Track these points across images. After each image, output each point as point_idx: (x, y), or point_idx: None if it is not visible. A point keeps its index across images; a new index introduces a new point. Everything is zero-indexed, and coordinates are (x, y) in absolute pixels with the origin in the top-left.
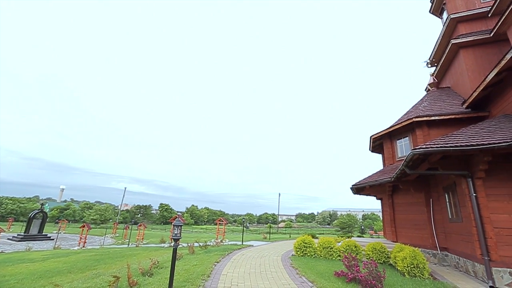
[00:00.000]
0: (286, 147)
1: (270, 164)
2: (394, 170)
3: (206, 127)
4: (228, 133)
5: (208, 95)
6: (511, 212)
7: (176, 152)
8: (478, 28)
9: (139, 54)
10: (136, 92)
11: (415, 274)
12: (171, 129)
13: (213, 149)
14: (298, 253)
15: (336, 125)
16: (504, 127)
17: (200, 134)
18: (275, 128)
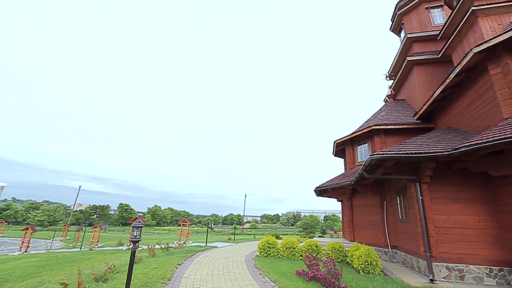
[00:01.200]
0: (254, 149)
1: (237, 165)
2: (354, 174)
3: (175, 125)
4: (196, 132)
5: (177, 92)
6: (449, 213)
7: (140, 149)
8: (430, 48)
9: (104, 40)
10: (101, 83)
11: (368, 271)
12: (137, 125)
13: (181, 148)
14: (262, 253)
15: (302, 130)
16: (447, 138)
17: (168, 132)
18: (243, 129)
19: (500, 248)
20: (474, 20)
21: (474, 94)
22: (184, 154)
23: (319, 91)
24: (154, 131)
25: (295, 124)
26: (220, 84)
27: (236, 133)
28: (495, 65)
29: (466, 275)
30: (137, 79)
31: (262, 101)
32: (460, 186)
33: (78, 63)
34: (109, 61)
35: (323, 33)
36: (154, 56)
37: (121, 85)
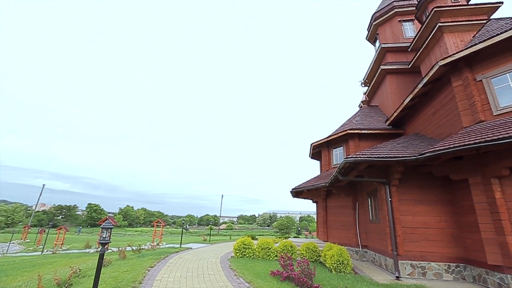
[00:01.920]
0: (232, 149)
1: (214, 166)
2: (329, 176)
3: (150, 122)
4: (173, 131)
5: (153, 88)
6: (414, 214)
7: (113, 147)
8: (401, 59)
9: (74, 33)
10: (72, 75)
11: (340, 270)
12: (110, 121)
13: (156, 146)
14: (237, 254)
15: (280, 133)
16: (414, 144)
17: (142, 129)
18: (221, 129)
19: (457, 246)
20: (440, 35)
21: (438, 104)
22: (160, 153)
23: (297, 95)
24: (127, 128)
25: (273, 126)
26: (199, 84)
27: (213, 133)
28: (457, 78)
29: (427, 272)
30: (110, 72)
31: (242, 103)
32: (425, 189)
33: (45, 52)
34: (80, 52)
35: (304, 39)
36: (125, 49)
37: (94, 78)
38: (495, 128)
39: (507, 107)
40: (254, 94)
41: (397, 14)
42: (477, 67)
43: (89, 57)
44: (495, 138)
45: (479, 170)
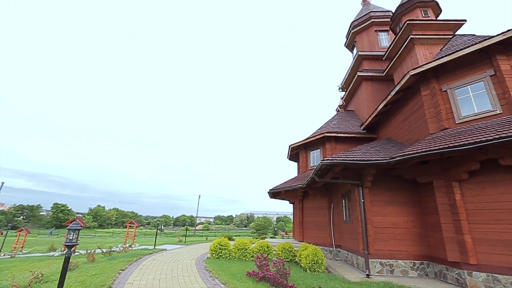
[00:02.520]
0: (210, 150)
1: (192, 165)
2: (306, 178)
3: (124, 118)
4: (149, 128)
5: (130, 83)
6: (384, 215)
7: (83, 143)
8: (377, 66)
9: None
10: (37, 65)
11: (314, 269)
12: (81, 116)
13: (130, 145)
14: (213, 255)
15: (259, 134)
16: (386, 148)
17: (116, 125)
18: (200, 130)
19: (422, 244)
20: (412, 47)
21: (409, 111)
22: (135, 151)
23: (277, 98)
24: (99, 123)
25: (252, 128)
26: (178, 84)
27: (192, 133)
28: (426, 87)
29: (395, 269)
30: (81, 63)
31: (221, 105)
32: (395, 191)
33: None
34: (43, 39)
35: (285, 43)
36: (99, 40)
37: (62, 68)
38: (456, 136)
39: (467, 116)
40: (234, 96)
41: (374, 24)
42: (443, 78)
43: (56, 45)
44: (456, 144)
45: (442, 173)
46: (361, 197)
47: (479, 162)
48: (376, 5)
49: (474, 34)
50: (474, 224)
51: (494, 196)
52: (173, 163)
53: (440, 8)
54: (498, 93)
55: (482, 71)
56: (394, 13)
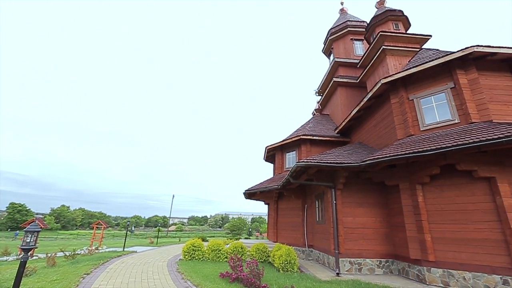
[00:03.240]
0: (186, 148)
1: (167, 164)
2: (282, 179)
3: (93, 112)
4: (120, 124)
5: (99, 70)
6: (354, 216)
7: (45, 137)
8: (351, 73)
9: None
10: None
11: (287, 269)
12: (45, 107)
13: (101, 139)
14: (186, 257)
15: (236, 135)
16: (358, 152)
17: (83, 120)
18: (176, 128)
19: (388, 244)
20: (383, 57)
21: (379, 117)
22: (105, 147)
23: (256, 100)
24: (64, 114)
25: (229, 129)
26: (158, 78)
27: (167, 130)
28: (395, 96)
29: (363, 268)
30: (44, 47)
31: (199, 104)
32: (365, 193)
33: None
34: None
35: (264, 45)
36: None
37: (20, 54)
38: (421, 142)
39: (430, 124)
40: (212, 97)
41: (350, 32)
42: (410, 88)
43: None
44: (420, 150)
45: (408, 177)
46: (333, 199)
47: (439, 167)
48: (352, 15)
49: (438, 49)
50: (433, 224)
51: (451, 198)
52: (147, 162)
53: (410, 23)
54: (457, 104)
55: (444, 83)
56: (369, 23)
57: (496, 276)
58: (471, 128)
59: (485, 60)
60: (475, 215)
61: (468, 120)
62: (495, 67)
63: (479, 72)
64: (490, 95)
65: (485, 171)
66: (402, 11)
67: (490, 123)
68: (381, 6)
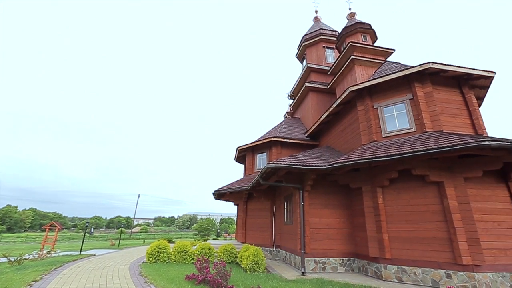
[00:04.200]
0: (153, 146)
1: (132, 162)
2: (251, 180)
3: (47, 103)
4: (79, 117)
5: (54, 57)
6: (320, 217)
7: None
8: (322, 79)
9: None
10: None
11: (254, 270)
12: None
13: (53, 132)
14: (151, 259)
15: (207, 135)
16: (326, 155)
17: (35, 111)
18: (144, 124)
19: (350, 243)
20: (352, 66)
21: (346, 123)
22: (61, 140)
23: (228, 102)
24: (12, 108)
25: (200, 128)
26: (123, 71)
27: (134, 126)
28: (361, 103)
29: (327, 266)
30: None
31: (169, 102)
32: (330, 195)
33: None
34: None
35: (237, 46)
36: None
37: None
38: (382, 148)
39: (391, 131)
40: (181, 96)
41: (322, 40)
42: (375, 97)
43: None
44: (381, 155)
45: (370, 180)
46: (301, 200)
47: (397, 171)
48: (325, 24)
49: (400, 63)
50: (391, 224)
51: (406, 200)
52: (111, 159)
53: (376, 36)
54: (414, 114)
55: (404, 95)
56: (340, 33)
57: (441, 271)
58: (425, 137)
59: (439, 76)
60: (426, 216)
61: (423, 129)
62: (447, 82)
63: (433, 86)
64: (441, 107)
65: (436, 176)
66: (370, 25)
67: (441, 133)
68: (352, 18)
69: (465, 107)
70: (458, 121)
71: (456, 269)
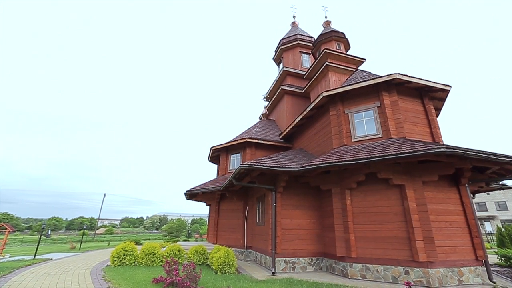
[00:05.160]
0: (121, 141)
1: (98, 158)
2: (225, 180)
3: None
4: (35, 104)
5: None
6: (292, 218)
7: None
8: (298, 83)
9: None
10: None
11: (225, 271)
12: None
13: (4, 122)
14: (115, 262)
15: (180, 134)
16: (298, 157)
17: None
18: (112, 118)
19: (319, 243)
20: (326, 72)
21: (319, 126)
22: (12, 134)
23: (201, 100)
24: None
25: (173, 127)
26: (93, 65)
27: (98, 120)
28: (333, 108)
29: (296, 266)
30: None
31: (139, 99)
32: (302, 196)
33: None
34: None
35: (214, 48)
36: None
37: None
38: (351, 152)
39: (360, 136)
40: (154, 94)
41: (299, 45)
42: (346, 103)
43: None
44: (350, 159)
45: (339, 182)
46: (273, 201)
47: (364, 175)
48: (302, 29)
49: (370, 72)
50: (357, 224)
51: (372, 202)
52: (74, 154)
53: (349, 45)
54: (381, 121)
55: (372, 102)
56: (316, 40)
57: (400, 268)
58: (390, 142)
59: (404, 86)
60: (388, 216)
61: (388, 135)
62: (410, 93)
63: (399, 96)
64: (405, 116)
65: (398, 179)
66: (344, 34)
67: (404, 139)
68: (327, 26)
69: (425, 116)
70: (419, 129)
71: (413, 265)
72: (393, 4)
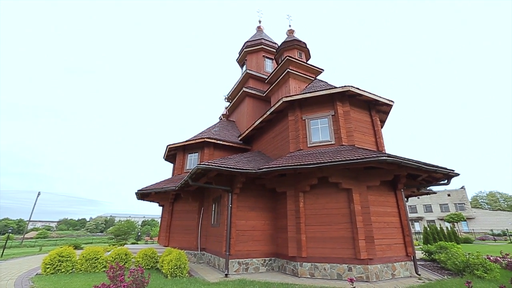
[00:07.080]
0: (62, 132)
1: (32, 150)
2: (180, 180)
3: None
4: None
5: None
6: (247, 219)
7: None
8: (260, 87)
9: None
10: None
11: (176, 274)
12: None
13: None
14: (48, 270)
15: (133, 130)
16: (256, 160)
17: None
18: (53, 105)
19: (272, 244)
20: (287, 78)
21: (278, 130)
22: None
23: (158, 98)
24: None
25: (125, 122)
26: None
27: (35, 106)
28: (292, 114)
29: (249, 267)
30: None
31: (92, 93)
32: (257, 198)
33: None
34: None
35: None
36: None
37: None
38: (306, 156)
39: (315, 142)
40: (109, 88)
41: (263, 50)
42: (304, 109)
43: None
44: (304, 163)
45: (294, 185)
46: (229, 202)
47: (317, 178)
48: (267, 35)
49: (327, 82)
50: (308, 226)
51: (323, 204)
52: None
53: (310, 55)
54: (334, 129)
55: (328, 111)
56: (279, 47)
57: (344, 265)
58: (341, 149)
59: (355, 98)
60: (337, 218)
61: (340, 142)
62: (361, 105)
63: (351, 107)
64: (355, 125)
65: (347, 183)
66: (306, 44)
67: (353, 147)
68: (291, 35)
69: (372, 127)
70: (366, 138)
71: (356, 263)
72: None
